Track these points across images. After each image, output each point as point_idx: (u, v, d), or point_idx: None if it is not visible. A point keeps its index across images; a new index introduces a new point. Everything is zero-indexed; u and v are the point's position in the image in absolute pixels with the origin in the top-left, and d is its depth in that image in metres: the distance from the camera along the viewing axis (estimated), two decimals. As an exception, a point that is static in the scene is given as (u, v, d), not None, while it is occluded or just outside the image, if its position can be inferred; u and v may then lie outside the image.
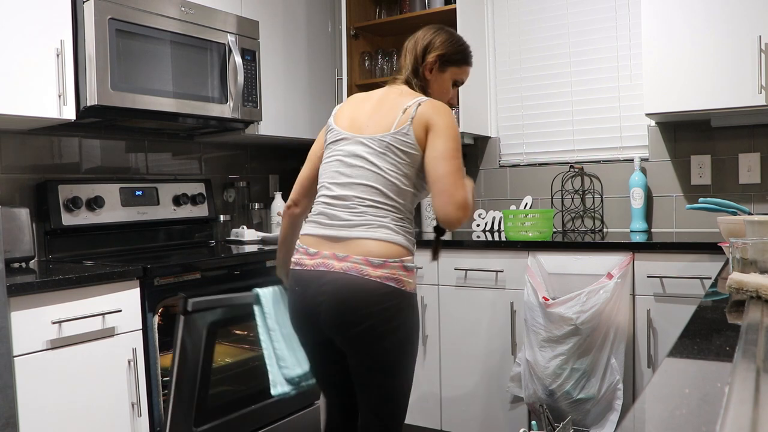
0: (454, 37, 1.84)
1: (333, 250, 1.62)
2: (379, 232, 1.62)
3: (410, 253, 1.67)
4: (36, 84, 2.03)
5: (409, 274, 1.64)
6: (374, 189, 1.64)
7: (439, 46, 1.80)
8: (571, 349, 2.30)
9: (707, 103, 2.40)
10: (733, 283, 1.20)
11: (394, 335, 1.63)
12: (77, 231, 2.41)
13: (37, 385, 1.75)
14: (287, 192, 3.28)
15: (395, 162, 1.65)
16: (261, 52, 2.76)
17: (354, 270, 1.59)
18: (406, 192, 1.67)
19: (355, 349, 1.66)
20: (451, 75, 1.84)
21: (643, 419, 0.64)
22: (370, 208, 1.64)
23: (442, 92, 1.84)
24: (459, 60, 1.83)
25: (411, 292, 1.65)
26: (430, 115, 1.65)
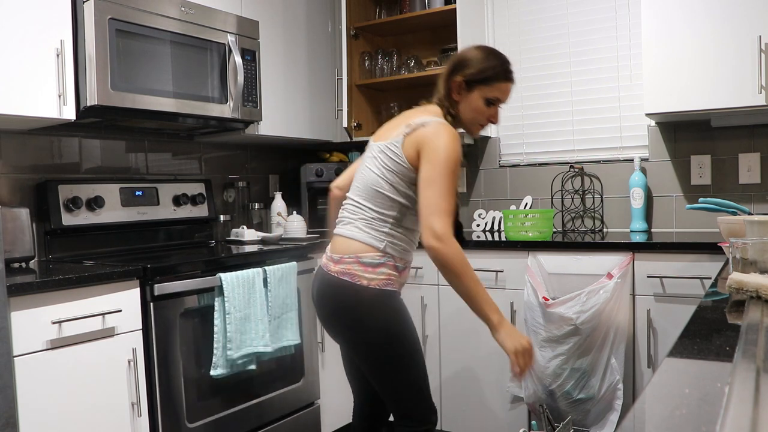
0: (486, 54, 1.80)
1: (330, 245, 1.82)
2: (344, 229, 1.77)
3: (374, 250, 1.72)
4: (36, 84, 2.03)
5: (366, 268, 1.70)
6: (359, 189, 1.78)
7: (467, 65, 1.78)
8: (571, 349, 2.30)
9: (707, 103, 2.40)
10: (733, 283, 1.20)
11: (359, 329, 1.72)
12: (77, 231, 2.41)
13: (37, 385, 1.75)
14: (287, 192, 3.30)
15: (382, 167, 1.73)
16: (261, 52, 2.76)
17: (324, 266, 1.78)
18: (383, 195, 1.73)
19: (342, 341, 1.81)
20: (481, 94, 1.78)
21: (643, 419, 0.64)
22: (351, 207, 1.79)
23: (473, 112, 1.81)
24: (488, 78, 1.77)
25: (369, 287, 1.70)
26: (424, 137, 1.67)
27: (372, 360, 1.76)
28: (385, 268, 1.73)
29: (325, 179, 3.18)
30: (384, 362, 1.75)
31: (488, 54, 1.80)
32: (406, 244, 1.78)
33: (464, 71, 1.78)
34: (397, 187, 1.72)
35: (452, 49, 3.05)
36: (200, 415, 2.16)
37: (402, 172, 1.71)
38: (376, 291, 1.71)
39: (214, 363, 2.15)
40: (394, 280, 1.75)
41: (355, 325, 1.72)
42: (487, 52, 1.81)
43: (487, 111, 1.81)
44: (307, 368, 2.59)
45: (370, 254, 1.71)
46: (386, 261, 1.73)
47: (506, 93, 1.82)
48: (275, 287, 2.35)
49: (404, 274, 1.82)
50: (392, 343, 1.73)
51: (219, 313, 2.17)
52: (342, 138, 3.28)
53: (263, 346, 2.26)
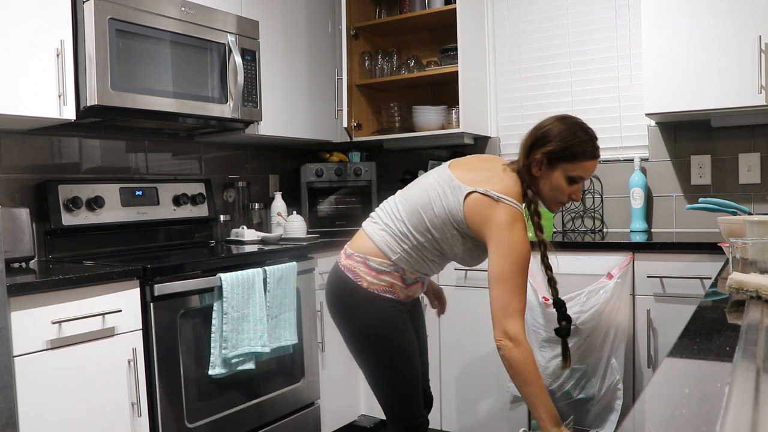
0: (570, 128, 1.69)
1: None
2: (370, 227, 1.79)
3: (385, 257, 1.72)
4: (36, 84, 2.03)
5: (371, 272, 1.72)
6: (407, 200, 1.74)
7: (549, 141, 1.68)
8: (571, 349, 2.30)
9: (707, 103, 2.40)
10: (733, 283, 1.20)
11: (351, 324, 1.77)
12: (77, 231, 2.41)
13: (37, 385, 1.75)
14: (287, 192, 3.29)
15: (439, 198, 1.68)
16: (261, 52, 2.75)
17: (339, 256, 1.83)
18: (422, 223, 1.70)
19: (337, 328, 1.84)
20: (564, 172, 1.68)
21: (643, 419, 0.64)
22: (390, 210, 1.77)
23: (554, 191, 1.71)
24: (571, 156, 1.67)
25: (370, 290, 1.72)
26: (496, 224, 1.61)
27: (358, 356, 1.82)
28: (390, 277, 1.74)
29: (325, 179, 3.18)
30: (368, 362, 1.80)
31: (574, 129, 1.69)
32: (422, 267, 1.77)
33: (546, 147, 1.67)
34: (438, 224, 1.69)
35: (452, 49, 3.05)
36: (200, 415, 2.16)
37: (453, 217, 1.67)
38: (375, 295, 1.73)
39: (212, 363, 2.15)
40: (398, 289, 1.76)
41: (348, 319, 1.78)
42: (573, 127, 1.70)
43: (568, 189, 1.71)
44: (307, 368, 2.59)
45: (378, 260, 1.73)
46: (393, 271, 1.74)
47: (590, 171, 1.72)
48: (275, 287, 2.35)
49: (414, 288, 1.81)
50: (377, 345, 1.77)
51: (217, 313, 2.17)
52: (342, 138, 3.28)
53: (261, 346, 2.26)
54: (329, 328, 2.75)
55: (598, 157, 1.72)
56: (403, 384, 1.79)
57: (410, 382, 1.80)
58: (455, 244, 1.72)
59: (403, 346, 1.78)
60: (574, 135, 1.68)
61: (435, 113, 3.14)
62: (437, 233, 1.70)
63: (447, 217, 1.68)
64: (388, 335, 1.76)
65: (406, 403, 1.81)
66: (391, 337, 1.76)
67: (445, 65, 3.10)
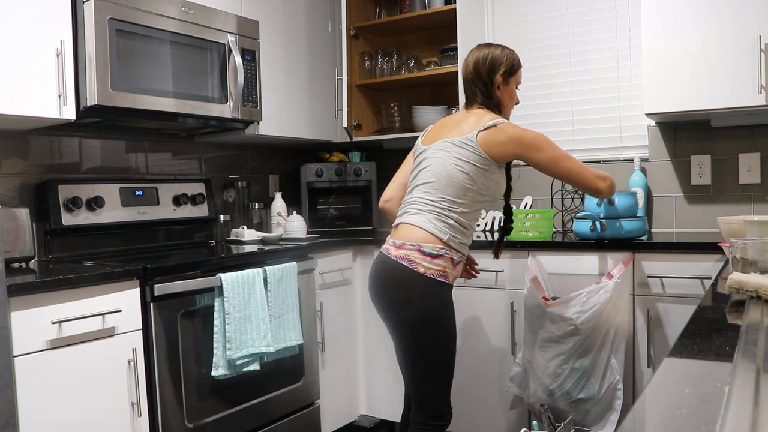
0: (504, 49, 2.06)
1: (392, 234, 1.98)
2: (412, 218, 1.91)
3: (437, 240, 1.87)
4: (36, 84, 2.03)
5: (425, 257, 1.86)
6: (428, 183, 1.92)
7: (500, 63, 2.02)
8: (571, 349, 2.30)
9: (707, 103, 2.40)
10: (733, 283, 1.21)
11: (407, 310, 1.87)
12: (77, 231, 2.41)
13: (37, 385, 1.75)
14: (287, 192, 3.30)
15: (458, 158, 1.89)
16: (261, 52, 2.76)
17: (385, 251, 1.93)
18: (460, 186, 1.90)
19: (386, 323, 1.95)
20: (514, 83, 2.08)
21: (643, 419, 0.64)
22: (419, 199, 1.93)
23: (511, 101, 2.08)
24: (515, 68, 2.06)
25: (426, 275, 1.85)
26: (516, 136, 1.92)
27: (409, 342, 1.90)
28: (443, 260, 1.87)
29: (325, 179, 3.18)
30: (419, 347, 1.90)
31: (505, 48, 2.06)
32: (465, 239, 1.94)
33: (499, 69, 2.01)
34: (474, 176, 1.89)
35: (452, 49, 3.05)
36: (200, 415, 2.16)
37: (479, 161, 1.89)
38: (430, 279, 1.86)
39: (214, 363, 2.15)
40: (449, 272, 1.90)
41: (404, 306, 1.87)
42: (504, 47, 2.06)
43: (517, 97, 2.11)
44: (307, 368, 2.59)
45: (431, 244, 1.86)
46: (445, 253, 1.88)
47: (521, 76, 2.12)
48: (275, 287, 2.35)
49: (458, 268, 1.96)
50: (433, 330, 1.88)
51: (219, 314, 2.17)
52: (342, 138, 3.28)
53: (265, 346, 2.26)
54: (329, 328, 2.75)
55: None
56: (449, 370, 1.95)
57: (453, 368, 1.97)
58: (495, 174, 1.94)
59: (454, 329, 1.95)
60: (511, 53, 2.06)
61: (435, 113, 3.14)
62: (474, 186, 1.90)
63: (475, 164, 1.89)
64: (443, 318, 1.90)
65: (445, 391, 1.95)
66: (445, 320, 1.91)
67: (445, 65, 3.10)
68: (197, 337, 2.16)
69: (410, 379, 1.96)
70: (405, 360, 1.95)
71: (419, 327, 1.88)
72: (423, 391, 1.94)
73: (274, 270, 2.36)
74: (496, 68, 2.01)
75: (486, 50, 2.04)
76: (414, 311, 1.87)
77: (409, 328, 1.89)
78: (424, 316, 1.86)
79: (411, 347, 1.91)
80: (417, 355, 1.91)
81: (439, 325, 1.89)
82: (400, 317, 1.89)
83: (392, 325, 1.93)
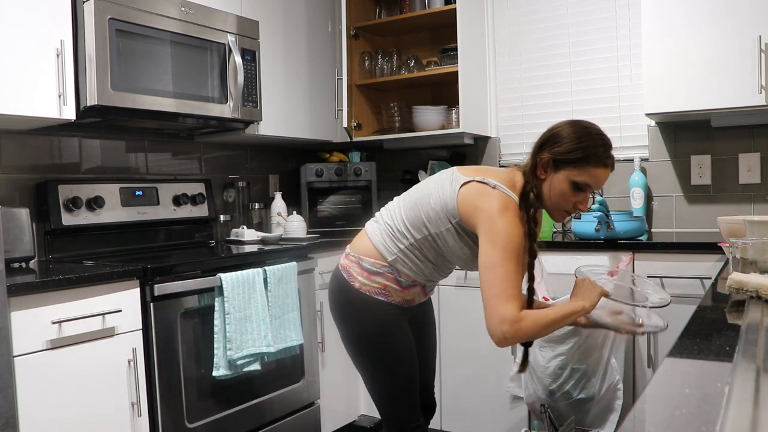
0: (581, 131, 1.60)
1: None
2: (370, 226, 1.78)
3: (381, 258, 1.70)
4: (36, 84, 2.03)
5: (363, 273, 1.71)
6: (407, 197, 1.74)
7: (559, 142, 1.60)
8: (571, 349, 2.30)
9: (707, 103, 2.40)
10: (733, 283, 1.21)
11: (344, 324, 1.76)
12: (77, 231, 2.41)
13: (37, 385, 1.75)
14: (287, 192, 3.29)
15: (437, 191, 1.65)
16: (261, 52, 2.75)
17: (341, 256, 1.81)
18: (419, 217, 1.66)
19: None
20: (569, 176, 1.59)
21: (643, 419, 0.64)
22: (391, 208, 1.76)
23: (557, 196, 1.61)
24: (580, 159, 1.57)
25: (359, 290, 1.70)
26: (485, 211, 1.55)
27: (353, 357, 1.80)
28: (382, 278, 1.70)
29: (325, 179, 3.18)
30: (361, 363, 1.78)
31: (584, 132, 1.60)
32: (419, 269, 1.72)
33: (554, 147, 1.59)
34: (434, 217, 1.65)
35: (452, 49, 3.05)
36: (200, 415, 2.16)
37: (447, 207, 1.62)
38: (364, 296, 1.70)
39: (215, 363, 2.15)
40: (392, 292, 1.72)
41: (344, 319, 1.77)
42: (587, 129, 1.61)
43: (573, 197, 1.61)
44: (307, 368, 2.59)
45: (372, 260, 1.71)
46: (386, 272, 1.70)
47: (600, 180, 1.60)
48: (275, 287, 2.35)
49: (412, 291, 1.76)
50: (369, 347, 1.74)
51: (219, 314, 2.17)
52: (342, 138, 3.28)
53: (265, 346, 2.26)
54: (329, 328, 2.75)
55: (610, 167, 1.61)
56: (396, 388, 1.76)
57: (403, 386, 1.76)
58: (449, 239, 1.65)
59: (397, 349, 1.74)
60: (588, 137, 1.59)
61: (435, 113, 3.14)
62: (432, 227, 1.65)
63: (442, 208, 1.63)
64: (380, 338, 1.73)
65: (398, 407, 1.78)
66: (383, 339, 1.73)
67: (445, 65, 3.10)
68: (197, 337, 2.16)
69: (368, 390, 1.82)
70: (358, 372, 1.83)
71: (357, 343, 1.75)
72: (381, 407, 1.80)
73: (274, 270, 2.36)
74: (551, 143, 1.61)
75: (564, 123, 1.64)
76: (350, 326, 1.74)
77: (349, 342, 1.77)
78: (360, 332, 1.73)
79: (356, 363, 1.80)
80: (363, 371, 1.79)
81: (377, 344, 1.73)
82: (341, 330, 1.78)
83: (340, 336, 1.81)
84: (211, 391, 2.20)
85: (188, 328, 2.13)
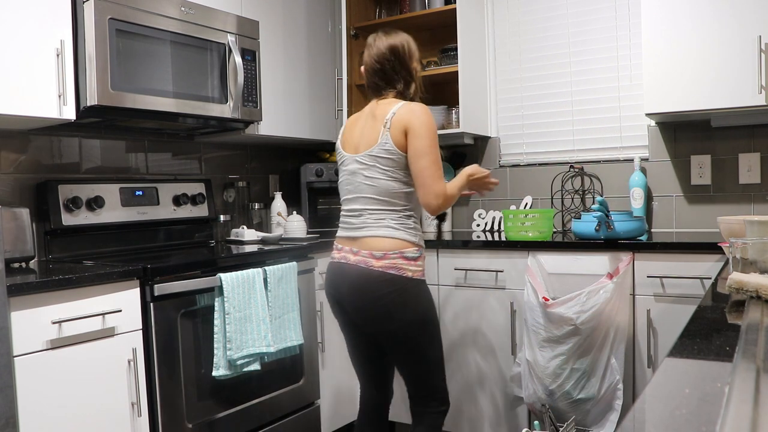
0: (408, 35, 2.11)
1: (351, 246, 1.99)
2: (380, 231, 1.94)
3: (412, 245, 1.95)
4: (36, 84, 2.03)
5: (409, 262, 1.93)
6: (371, 198, 1.96)
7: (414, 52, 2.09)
8: (571, 349, 2.30)
9: (707, 103, 2.40)
10: (733, 283, 1.21)
11: (403, 315, 1.92)
12: (77, 231, 2.41)
13: (37, 385, 1.75)
14: (287, 192, 3.29)
15: (383, 170, 1.94)
16: (261, 52, 2.75)
17: (362, 263, 1.93)
18: (398, 193, 1.96)
19: (376, 329, 1.97)
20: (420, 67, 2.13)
21: (643, 419, 0.64)
22: (372, 213, 1.96)
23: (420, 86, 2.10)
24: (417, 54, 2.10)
25: (413, 278, 1.93)
26: (407, 119, 1.91)
27: (410, 344, 1.96)
28: (420, 260, 1.97)
29: (325, 179, 3.18)
30: (420, 345, 1.97)
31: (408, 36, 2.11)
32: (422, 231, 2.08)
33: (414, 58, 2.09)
34: (401, 179, 1.95)
35: (452, 49, 3.05)
36: (200, 415, 2.16)
37: (400, 163, 1.93)
38: (417, 281, 1.94)
39: (215, 363, 2.15)
40: (424, 269, 2.00)
41: (398, 312, 1.92)
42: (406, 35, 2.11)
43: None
44: (307, 368, 2.59)
45: (410, 249, 1.94)
46: (420, 254, 1.97)
47: None
48: (275, 287, 2.35)
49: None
50: (428, 325, 1.97)
51: (219, 314, 2.17)
52: (342, 138, 3.28)
53: (265, 346, 2.26)
54: (329, 328, 2.75)
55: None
56: (442, 358, 2.04)
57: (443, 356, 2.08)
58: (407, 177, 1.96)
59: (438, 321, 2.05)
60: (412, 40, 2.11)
61: (435, 113, 3.14)
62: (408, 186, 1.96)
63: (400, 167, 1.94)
64: (433, 314, 2.01)
65: (444, 377, 2.05)
66: (435, 316, 2.02)
67: (445, 65, 3.10)
68: (197, 337, 2.16)
69: (416, 374, 2.01)
70: (407, 360, 2.01)
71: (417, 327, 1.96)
72: (432, 379, 2.01)
73: (274, 270, 2.36)
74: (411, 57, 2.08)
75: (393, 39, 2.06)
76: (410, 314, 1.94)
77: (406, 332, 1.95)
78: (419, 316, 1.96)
79: (412, 348, 1.97)
80: (420, 351, 1.97)
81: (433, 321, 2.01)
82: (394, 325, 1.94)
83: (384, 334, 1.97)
84: (211, 391, 2.20)
85: (188, 328, 2.13)
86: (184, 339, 2.12)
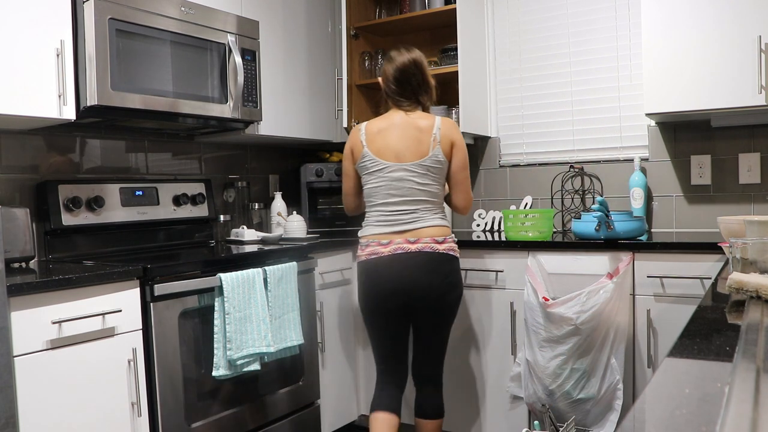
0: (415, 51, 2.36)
1: (404, 237, 2.20)
2: (435, 221, 2.23)
3: (450, 231, 2.29)
4: (36, 84, 2.03)
5: (456, 245, 2.28)
6: (423, 200, 2.22)
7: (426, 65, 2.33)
8: (571, 349, 2.30)
9: (707, 103, 2.40)
10: (733, 283, 1.21)
11: (458, 290, 2.26)
12: (77, 231, 2.41)
13: (37, 385, 1.75)
14: (287, 192, 3.29)
15: (434, 177, 2.23)
16: (261, 52, 2.75)
17: (427, 248, 2.18)
18: (440, 193, 2.28)
19: (438, 306, 2.21)
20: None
21: (643, 419, 0.64)
22: (424, 210, 2.23)
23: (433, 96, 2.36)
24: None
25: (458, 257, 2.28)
26: (452, 134, 2.24)
27: (454, 311, 2.28)
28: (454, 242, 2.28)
29: (325, 179, 3.18)
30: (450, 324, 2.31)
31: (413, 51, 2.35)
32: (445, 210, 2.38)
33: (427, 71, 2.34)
34: (442, 182, 2.28)
35: (452, 49, 3.05)
36: (200, 415, 2.16)
37: (444, 170, 2.26)
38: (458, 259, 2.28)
39: (215, 363, 2.15)
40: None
41: (458, 285, 2.25)
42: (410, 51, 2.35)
43: None
44: (307, 368, 2.59)
45: (453, 236, 2.28)
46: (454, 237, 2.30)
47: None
48: (275, 287, 2.35)
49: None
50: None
51: (219, 314, 2.17)
52: (342, 138, 3.28)
53: (265, 346, 2.26)
54: (329, 328, 2.75)
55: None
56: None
57: None
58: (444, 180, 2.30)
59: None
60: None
61: (435, 113, 3.13)
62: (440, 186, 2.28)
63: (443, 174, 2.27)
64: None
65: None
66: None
67: (445, 65, 3.10)
68: (197, 337, 2.16)
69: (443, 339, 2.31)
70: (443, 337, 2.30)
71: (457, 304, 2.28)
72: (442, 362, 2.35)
73: (274, 270, 2.36)
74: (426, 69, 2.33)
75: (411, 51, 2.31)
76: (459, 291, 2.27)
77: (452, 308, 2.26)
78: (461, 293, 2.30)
79: (450, 323, 2.30)
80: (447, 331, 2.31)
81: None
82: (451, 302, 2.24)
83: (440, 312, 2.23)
84: (211, 391, 2.20)
85: (188, 328, 2.13)
86: (184, 339, 2.12)
